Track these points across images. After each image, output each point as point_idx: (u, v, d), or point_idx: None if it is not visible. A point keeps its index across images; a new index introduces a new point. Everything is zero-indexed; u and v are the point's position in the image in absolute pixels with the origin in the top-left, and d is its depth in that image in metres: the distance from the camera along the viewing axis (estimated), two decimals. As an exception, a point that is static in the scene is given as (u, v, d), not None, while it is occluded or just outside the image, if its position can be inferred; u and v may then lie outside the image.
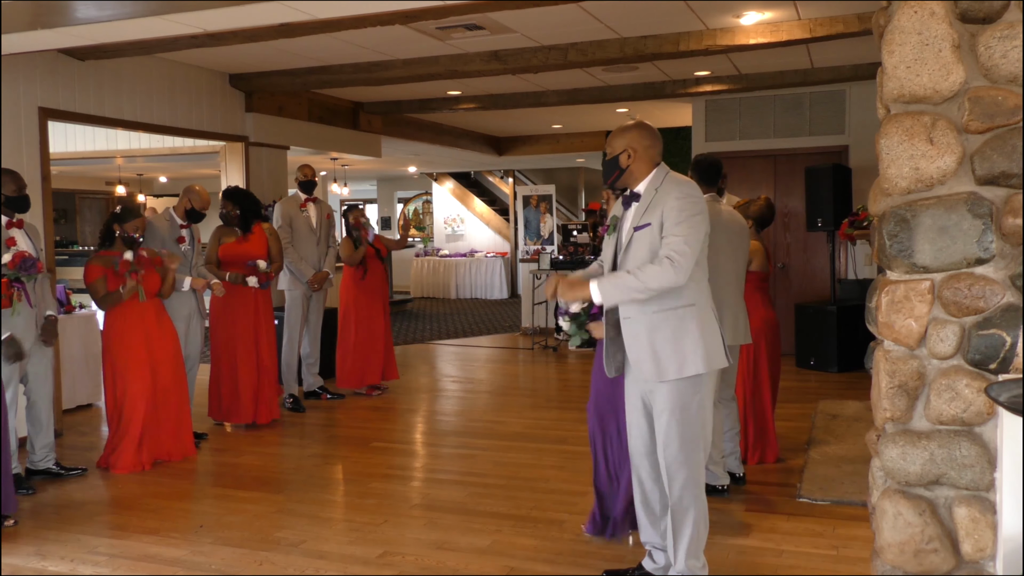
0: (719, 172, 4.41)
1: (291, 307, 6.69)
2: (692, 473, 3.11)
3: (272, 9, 4.52)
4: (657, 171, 3.14)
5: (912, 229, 2.53)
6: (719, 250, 4.24)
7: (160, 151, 10.31)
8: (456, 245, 18.08)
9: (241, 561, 3.72)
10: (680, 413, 3.07)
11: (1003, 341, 2.45)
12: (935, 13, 2.50)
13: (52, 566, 3.71)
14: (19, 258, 4.40)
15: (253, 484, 4.84)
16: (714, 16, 5.96)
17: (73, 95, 6.31)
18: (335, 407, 6.80)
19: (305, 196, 6.86)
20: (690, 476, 3.11)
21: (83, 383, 6.75)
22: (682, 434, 3.08)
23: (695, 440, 3.10)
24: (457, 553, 3.76)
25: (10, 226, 4.68)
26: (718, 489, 4.38)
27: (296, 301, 6.72)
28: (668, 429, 3.10)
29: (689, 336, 3.05)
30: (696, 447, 3.11)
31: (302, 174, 6.88)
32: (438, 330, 11.82)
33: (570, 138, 13.60)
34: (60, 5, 4.59)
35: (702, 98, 9.37)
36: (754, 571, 3.52)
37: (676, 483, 3.12)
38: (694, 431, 3.09)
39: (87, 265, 5.02)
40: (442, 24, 6.03)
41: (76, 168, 13.84)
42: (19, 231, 4.72)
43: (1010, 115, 2.45)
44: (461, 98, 9.38)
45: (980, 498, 2.52)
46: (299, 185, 6.88)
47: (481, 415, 6.55)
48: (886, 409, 2.60)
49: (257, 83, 7.83)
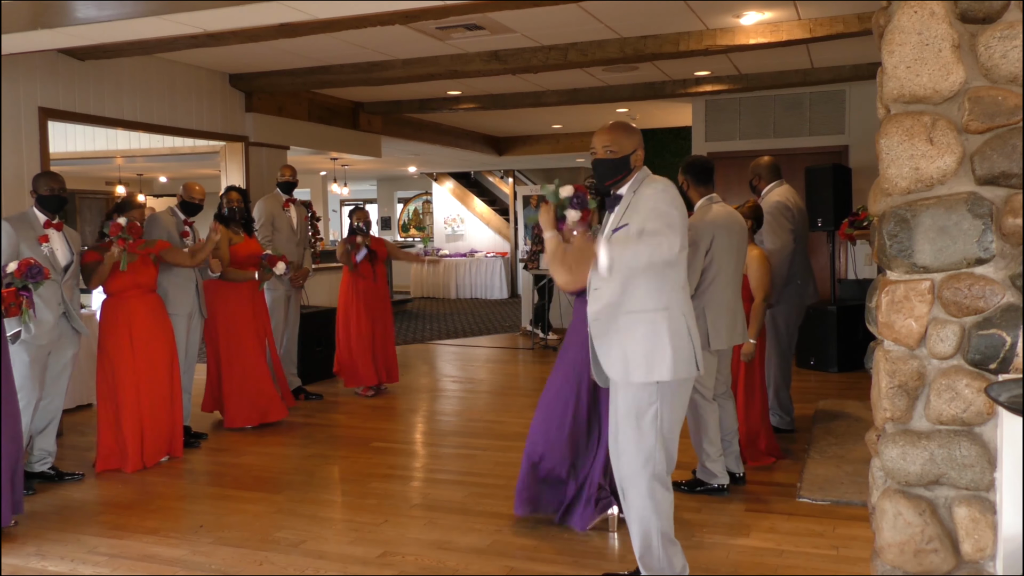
0: (712, 172, 4.37)
1: (273, 308, 6.68)
2: (646, 485, 2.99)
3: (272, 9, 4.52)
4: (639, 173, 3.09)
5: (912, 229, 2.53)
6: (717, 250, 4.23)
7: (160, 151, 10.33)
8: (456, 245, 18.09)
9: (241, 561, 3.72)
10: (635, 420, 2.98)
11: (1003, 341, 2.45)
12: (935, 13, 2.50)
13: (52, 566, 3.71)
14: (25, 266, 4.41)
15: (253, 484, 4.84)
16: (714, 16, 5.96)
17: (73, 95, 6.31)
18: (335, 407, 6.80)
19: (287, 196, 6.94)
20: (644, 488, 3.00)
21: (83, 383, 6.75)
22: (637, 442, 2.98)
23: (649, 451, 2.98)
24: (457, 553, 3.76)
25: (48, 226, 4.80)
26: (717, 488, 4.38)
27: (279, 302, 6.74)
28: (622, 435, 3.02)
29: (660, 341, 2.94)
30: (649, 458, 2.98)
31: (283, 175, 6.98)
32: (438, 330, 11.82)
33: (570, 138, 13.61)
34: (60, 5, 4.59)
35: (702, 98, 9.37)
36: (754, 571, 3.52)
37: (629, 493, 3.04)
38: (648, 442, 2.97)
39: (84, 253, 5.03)
40: (442, 24, 6.03)
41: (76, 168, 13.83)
42: (56, 233, 4.84)
43: (1010, 115, 2.45)
44: (461, 98, 9.38)
45: (980, 498, 2.52)
46: (280, 186, 6.97)
47: (481, 415, 6.55)
48: (886, 409, 2.60)
49: (257, 83, 7.83)
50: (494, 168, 17.59)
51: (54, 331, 4.75)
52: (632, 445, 3.00)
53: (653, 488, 3.00)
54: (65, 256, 4.87)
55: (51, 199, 4.82)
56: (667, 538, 3.05)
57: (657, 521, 3.02)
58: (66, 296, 4.82)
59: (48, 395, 4.86)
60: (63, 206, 4.90)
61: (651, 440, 2.98)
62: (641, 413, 2.98)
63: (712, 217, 4.24)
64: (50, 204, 4.83)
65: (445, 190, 18.25)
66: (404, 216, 19.97)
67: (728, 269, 4.26)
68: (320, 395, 7.07)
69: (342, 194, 16.47)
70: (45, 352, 4.76)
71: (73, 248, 4.92)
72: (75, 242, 4.97)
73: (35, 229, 4.75)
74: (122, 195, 14.12)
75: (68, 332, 4.87)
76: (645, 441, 2.98)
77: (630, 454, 3.01)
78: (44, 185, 4.83)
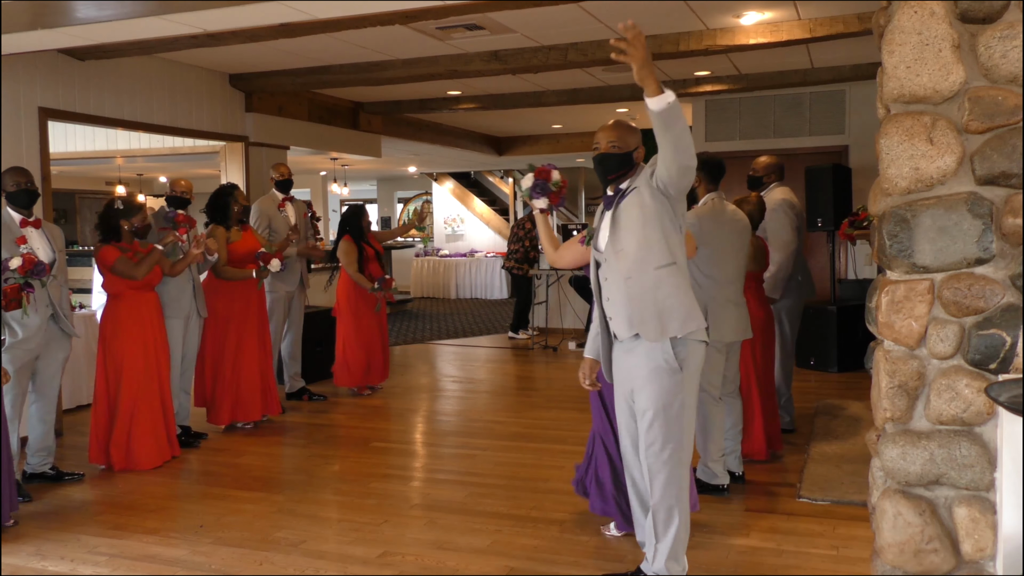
0: (723, 171, 4.45)
1: (272, 309, 6.67)
2: (674, 474, 3.08)
3: (272, 9, 4.52)
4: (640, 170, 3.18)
5: (912, 229, 2.54)
6: (722, 247, 4.28)
7: (160, 151, 10.32)
8: (456, 245, 18.09)
9: (241, 561, 3.72)
10: (663, 413, 3.06)
11: (1003, 341, 2.46)
12: (935, 13, 2.50)
13: (52, 566, 3.71)
14: (30, 263, 4.41)
15: (253, 484, 4.83)
16: (714, 16, 5.96)
17: (73, 95, 6.31)
18: (335, 407, 6.80)
19: (283, 195, 6.92)
20: (671, 476, 3.08)
21: (83, 383, 6.75)
22: (665, 434, 3.07)
23: (678, 441, 3.08)
24: (457, 553, 3.76)
25: (25, 224, 4.64)
26: (717, 488, 4.38)
27: (278, 303, 6.73)
28: (650, 429, 3.08)
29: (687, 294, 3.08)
30: (679, 447, 3.08)
31: (279, 173, 6.91)
32: (438, 330, 11.82)
33: (570, 138, 13.61)
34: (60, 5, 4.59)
35: (702, 98, 9.37)
36: (754, 571, 3.52)
37: (657, 483, 3.10)
38: (676, 431, 3.07)
39: (100, 253, 4.98)
40: (442, 24, 6.03)
41: (76, 168, 13.84)
42: (35, 231, 4.67)
43: (1010, 115, 2.45)
44: (461, 98, 9.38)
45: (980, 498, 2.52)
46: (276, 184, 6.91)
47: (481, 415, 6.55)
48: (886, 409, 2.60)
49: (257, 83, 7.83)
50: (494, 168, 17.60)
51: (41, 334, 4.62)
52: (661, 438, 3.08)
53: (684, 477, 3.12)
54: (47, 255, 4.66)
55: (19, 194, 4.62)
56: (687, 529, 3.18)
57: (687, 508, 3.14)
58: (53, 297, 4.67)
59: (40, 399, 4.79)
60: (35, 201, 4.69)
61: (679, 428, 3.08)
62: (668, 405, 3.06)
63: (715, 215, 4.29)
64: (20, 200, 4.62)
65: (445, 190, 18.25)
66: (404, 216, 19.97)
67: (731, 266, 4.32)
68: (324, 396, 7.07)
69: (342, 194, 16.47)
70: (32, 355, 4.64)
71: (55, 246, 4.75)
72: (57, 239, 4.80)
73: (11, 231, 4.56)
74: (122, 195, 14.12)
75: (57, 335, 4.75)
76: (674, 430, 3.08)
77: (656, 448, 3.08)
78: (9, 181, 4.61)
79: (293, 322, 6.95)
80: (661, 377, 3.06)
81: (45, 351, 4.73)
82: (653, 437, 3.09)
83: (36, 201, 4.74)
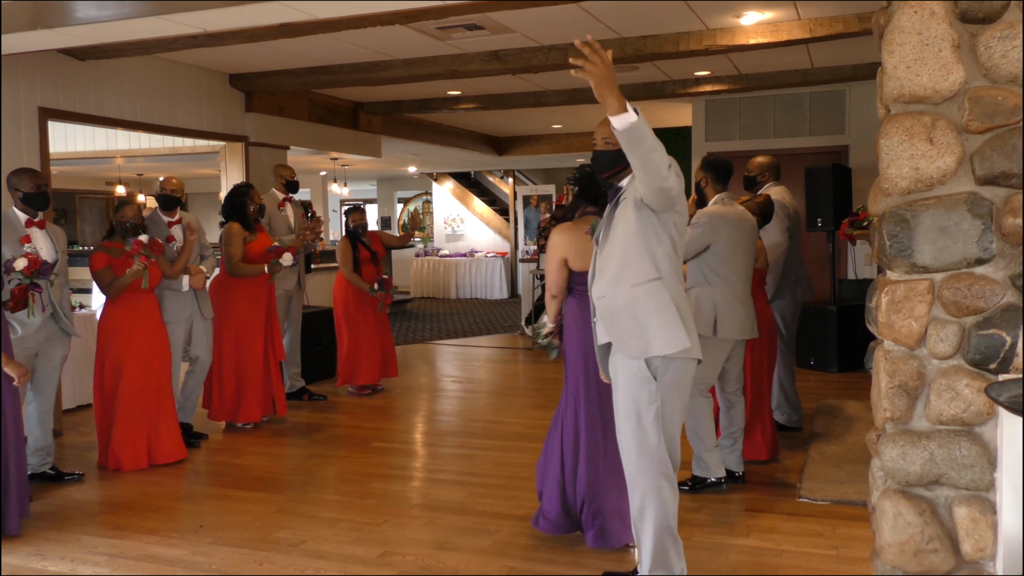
0: (731, 172, 4.49)
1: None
2: (651, 483, 2.99)
3: (272, 9, 4.52)
4: None
5: (912, 229, 2.54)
6: (731, 247, 4.32)
7: (160, 151, 10.31)
8: (456, 245, 18.09)
9: (241, 561, 3.72)
10: (635, 420, 2.98)
11: (1003, 341, 2.46)
12: (935, 13, 2.50)
13: (52, 566, 3.71)
14: (35, 264, 4.43)
15: (253, 484, 4.84)
16: (714, 16, 5.96)
17: (73, 95, 6.31)
18: (335, 407, 6.80)
19: (283, 195, 7.01)
20: (649, 486, 2.99)
21: (83, 383, 6.75)
22: (639, 443, 2.98)
23: (653, 449, 2.98)
24: (457, 553, 3.76)
25: (30, 224, 4.69)
26: (712, 482, 4.38)
27: (277, 301, 6.73)
28: (623, 436, 3.03)
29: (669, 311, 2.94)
30: (653, 457, 2.98)
31: (289, 176, 7.10)
32: (438, 330, 11.82)
33: (570, 138, 13.60)
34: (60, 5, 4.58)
35: (702, 98, 9.37)
36: (754, 571, 3.52)
37: (635, 492, 3.03)
38: (650, 440, 2.97)
39: (92, 255, 5.01)
40: (442, 24, 6.03)
41: (76, 168, 13.84)
42: (40, 231, 4.72)
43: (1010, 115, 2.45)
44: (461, 98, 9.38)
45: (980, 498, 2.52)
46: (286, 185, 7.08)
47: (481, 415, 6.55)
48: (886, 409, 2.60)
49: (257, 83, 7.83)
50: (494, 168, 17.59)
51: (41, 333, 4.67)
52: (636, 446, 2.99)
53: (661, 486, 3.00)
54: (50, 255, 4.71)
55: (37, 196, 4.68)
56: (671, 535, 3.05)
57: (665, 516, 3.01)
58: (53, 297, 4.70)
59: (38, 398, 4.80)
60: (48, 203, 4.76)
61: (654, 438, 2.97)
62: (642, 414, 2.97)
63: (724, 213, 4.35)
64: (36, 201, 4.69)
65: (445, 190, 18.25)
66: (404, 216, 19.98)
67: (739, 265, 4.36)
68: (324, 396, 7.07)
69: (342, 194, 16.47)
70: (32, 354, 4.67)
71: (58, 246, 4.80)
72: (59, 240, 4.84)
73: (16, 230, 4.62)
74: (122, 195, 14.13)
75: (56, 334, 4.78)
76: (648, 439, 2.98)
77: (632, 456, 3.01)
78: (29, 182, 4.67)
79: (291, 322, 6.97)
80: (634, 385, 2.99)
81: (43, 349, 4.75)
82: (625, 443, 3.03)
83: (49, 203, 4.81)
